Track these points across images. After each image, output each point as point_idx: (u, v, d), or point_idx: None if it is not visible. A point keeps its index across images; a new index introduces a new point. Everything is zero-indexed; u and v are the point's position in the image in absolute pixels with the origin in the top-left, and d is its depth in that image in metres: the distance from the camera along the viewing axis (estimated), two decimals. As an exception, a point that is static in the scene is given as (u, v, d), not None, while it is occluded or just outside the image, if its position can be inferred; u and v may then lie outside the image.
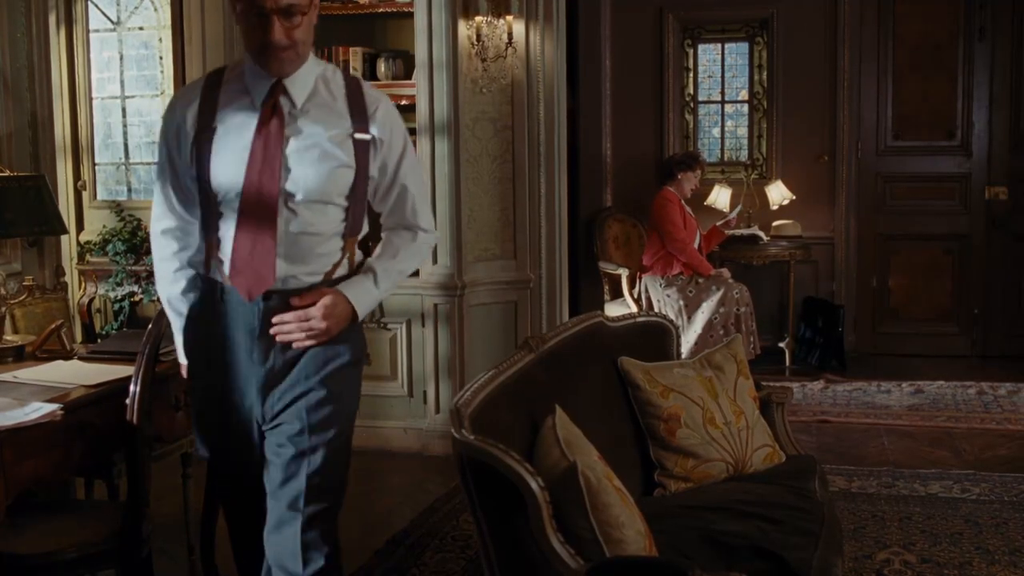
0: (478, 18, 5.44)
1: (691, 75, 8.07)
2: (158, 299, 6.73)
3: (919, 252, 7.95)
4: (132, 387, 3.04)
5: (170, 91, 6.64)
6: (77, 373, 3.48)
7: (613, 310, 7.30)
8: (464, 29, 5.46)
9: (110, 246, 6.67)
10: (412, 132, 5.53)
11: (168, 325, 2.97)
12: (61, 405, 3.04)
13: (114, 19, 8.24)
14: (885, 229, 7.96)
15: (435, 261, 5.50)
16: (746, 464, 3.56)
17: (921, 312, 7.96)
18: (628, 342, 3.72)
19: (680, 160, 7.17)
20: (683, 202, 7.13)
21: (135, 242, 6.68)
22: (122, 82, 8.26)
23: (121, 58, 8.25)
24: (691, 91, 8.09)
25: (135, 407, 3.02)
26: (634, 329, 3.83)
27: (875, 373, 7.30)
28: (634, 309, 7.06)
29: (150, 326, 3.11)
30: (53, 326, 3.83)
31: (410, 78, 5.58)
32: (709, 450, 3.48)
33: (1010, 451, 5.55)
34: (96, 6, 8.22)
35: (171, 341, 3.05)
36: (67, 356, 3.78)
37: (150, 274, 6.60)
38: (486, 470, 2.33)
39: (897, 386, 6.92)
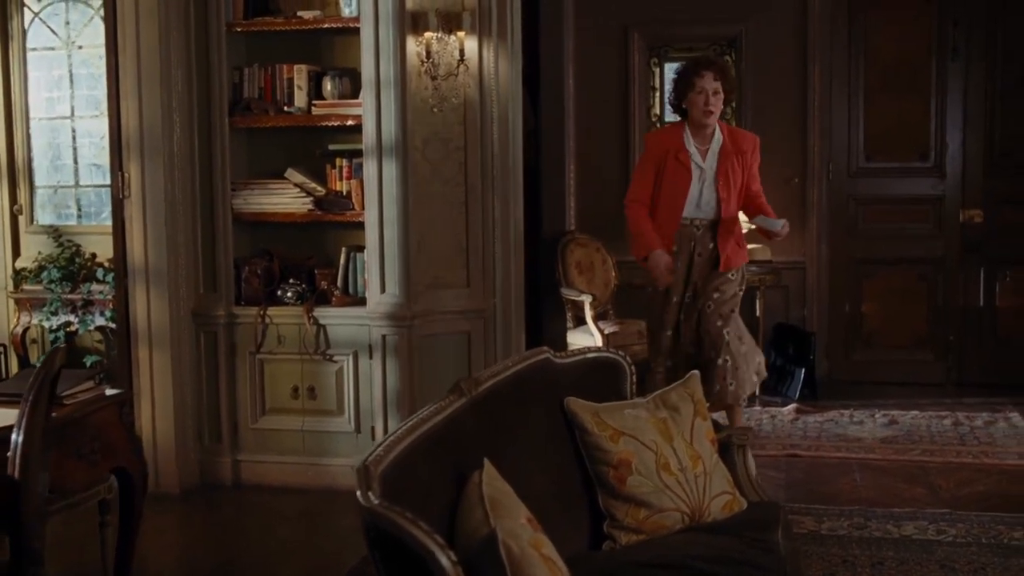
0: (428, 34, 5.17)
1: (657, 94, 7.83)
2: (94, 328, 6.48)
3: (893, 276, 7.72)
4: (14, 436, 2.73)
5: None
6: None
7: (576, 338, 7.03)
8: (413, 46, 5.19)
9: (45, 273, 6.37)
10: (359, 154, 5.29)
11: (63, 365, 2.67)
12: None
13: (63, 37, 7.96)
14: (858, 253, 7.73)
15: (383, 289, 5.22)
16: (703, 513, 3.28)
17: (895, 339, 7.73)
18: (577, 380, 3.43)
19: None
20: None
21: (72, 269, 6.38)
22: (71, 102, 7.98)
23: (71, 77, 7.97)
24: (657, 111, 7.84)
25: (17, 459, 2.71)
26: (584, 366, 3.55)
27: (848, 402, 7.04)
28: (598, 337, 6.79)
29: (39, 366, 2.80)
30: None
31: (358, 97, 5.31)
32: (663, 499, 3.20)
33: (987, 487, 5.30)
34: (44, 23, 7.94)
35: (73, 383, 2.75)
36: (-36, 398, 3.47)
37: (87, 303, 6.32)
38: (393, 540, 2.04)
39: (870, 416, 6.67)
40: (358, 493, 2.13)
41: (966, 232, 7.57)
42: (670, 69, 7.79)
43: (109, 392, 3.51)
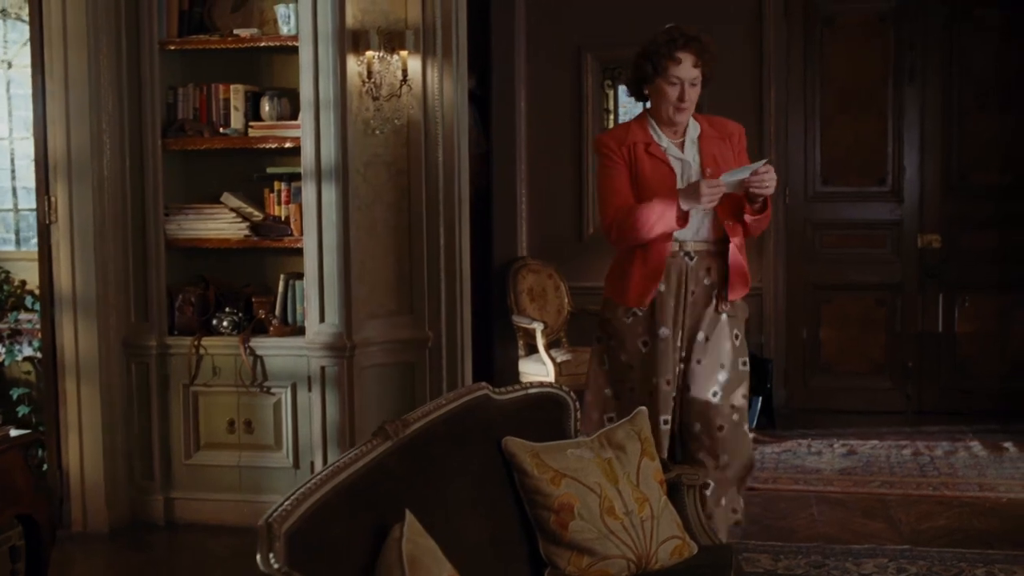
0: (369, 53, 4.97)
1: (611, 116, 7.67)
2: (22, 359, 6.20)
3: (851, 302, 7.59)
4: None
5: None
6: None
7: (528, 367, 6.84)
8: (354, 65, 4.99)
9: (-31, 301, 6.12)
10: (296, 177, 5.09)
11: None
12: None
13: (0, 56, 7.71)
14: (815, 278, 7.59)
15: (322, 319, 5.00)
16: (651, 560, 3.08)
17: (854, 365, 7.59)
18: (517, 418, 3.23)
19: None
20: None
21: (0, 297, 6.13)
22: (9, 123, 7.71)
23: (8, 97, 7.71)
24: (611, 134, 7.69)
25: None
26: (525, 402, 3.34)
27: (806, 431, 6.90)
28: (550, 366, 6.60)
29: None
30: None
31: (296, 118, 5.10)
32: (607, 545, 3.00)
33: (948, 521, 5.14)
34: (-20, 42, 7.67)
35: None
36: None
37: (14, 331, 6.05)
38: (294, 611, 1.83)
39: (829, 446, 6.52)
40: (258, 556, 1.91)
41: (924, 257, 7.46)
42: (624, 91, 7.65)
43: (14, 433, 3.26)
